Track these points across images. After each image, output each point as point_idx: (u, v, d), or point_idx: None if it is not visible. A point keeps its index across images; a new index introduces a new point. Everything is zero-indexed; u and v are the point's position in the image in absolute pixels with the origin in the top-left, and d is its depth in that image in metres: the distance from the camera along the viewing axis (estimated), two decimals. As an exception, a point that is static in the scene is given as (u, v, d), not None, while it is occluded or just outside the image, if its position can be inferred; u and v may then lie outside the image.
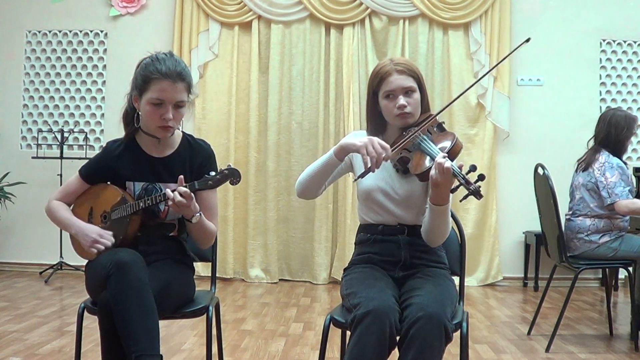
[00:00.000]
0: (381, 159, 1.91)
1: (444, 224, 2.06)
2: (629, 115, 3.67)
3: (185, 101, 2.18)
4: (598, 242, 3.49)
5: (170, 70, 2.11)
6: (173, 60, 2.15)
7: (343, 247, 5.45)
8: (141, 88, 2.14)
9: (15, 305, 4.26)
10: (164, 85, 2.11)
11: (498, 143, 5.62)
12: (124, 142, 2.30)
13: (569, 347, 3.50)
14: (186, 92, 2.17)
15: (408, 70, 2.13)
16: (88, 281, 2.15)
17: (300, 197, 2.20)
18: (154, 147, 2.28)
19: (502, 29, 5.53)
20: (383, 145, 1.93)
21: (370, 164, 1.91)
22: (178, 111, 2.17)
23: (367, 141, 1.93)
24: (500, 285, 5.57)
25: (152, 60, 2.15)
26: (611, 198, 3.45)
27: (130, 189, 2.25)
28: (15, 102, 5.81)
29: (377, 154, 1.91)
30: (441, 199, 1.98)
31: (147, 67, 2.14)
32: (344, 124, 5.50)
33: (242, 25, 5.65)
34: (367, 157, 1.91)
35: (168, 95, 2.12)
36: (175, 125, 2.20)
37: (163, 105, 2.13)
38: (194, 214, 2.14)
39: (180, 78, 2.13)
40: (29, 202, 5.48)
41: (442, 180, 1.89)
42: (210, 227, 2.26)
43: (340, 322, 2.03)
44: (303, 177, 2.15)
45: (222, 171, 2.11)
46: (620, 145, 3.61)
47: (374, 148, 1.91)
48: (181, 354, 3.25)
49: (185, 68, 2.17)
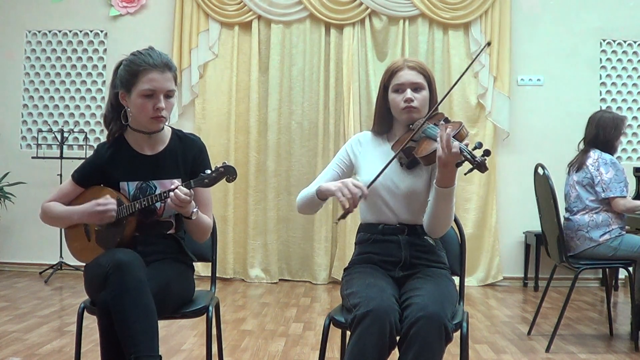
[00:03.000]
0: (357, 199, 1.98)
1: (448, 210, 2.06)
2: (616, 115, 3.70)
3: (174, 90, 2.20)
4: (598, 240, 3.49)
5: (157, 60, 2.14)
6: (157, 52, 2.18)
7: (343, 247, 5.45)
8: (129, 83, 2.14)
9: (15, 305, 4.26)
10: (153, 76, 2.12)
11: (498, 143, 5.62)
12: (112, 142, 2.29)
13: (569, 347, 3.50)
14: (174, 82, 2.20)
15: (419, 68, 2.20)
16: (87, 281, 2.15)
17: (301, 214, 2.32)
18: (144, 145, 2.27)
19: (502, 29, 5.53)
20: (357, 185, 1.99)
21: (348, 205, 1.98)
22: (168, 101, 2.18)
23: (340, 185, 2.01)
24: (500, 285, 5.57)
25: (136, 55, 2.17)
26: (605, 193, 3.50)
27: (124, 189, 2.25)
28: (15, 102, 5.81)
29: (352, 194, 1.98)
30: (448, 180, 1.98)
31: (132, 62, 2.15)
32: (344, 124, 5.50)
33: (242, 25, 5.65)
34: (344, 199, 1.98)
35: (159, 84, 2.13)
36: (167, 116, 2.21)
37: (154, 95, 2.13)
38: (192, 210, 2.15)
39: (167, 67, 2.16)
40: (29, 202, 5.47)
41: (448, 156, 1.89)
42: (206, 221, 2.28)
43: (340, 322, 2.03)
44: (299, 202, 2.26)
45: (218, 169, 2.11)
46: (609, 145, 3.64)
47: (349, 190, 1.98)
48: (181, 354, 3.25)
49: (170, 59, 2.21)
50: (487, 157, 1.83)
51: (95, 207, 2.17)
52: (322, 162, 5.42)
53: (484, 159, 1.83)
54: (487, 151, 1.84)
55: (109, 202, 2.16)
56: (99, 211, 2.16)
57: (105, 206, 2.16)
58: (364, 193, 1.99)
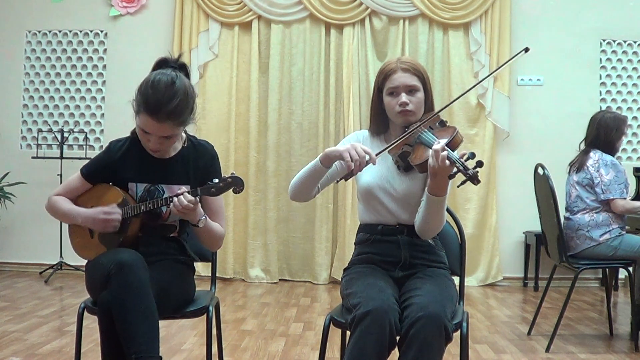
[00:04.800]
0: (364, 162, 1.95)
1: (439, 216, 2.06)
2: (617, 116, 3.70)
3: (173, 135, 2.13)
4: (598, 239, 3.49)
5: (158, 107, 2.02)
6: (168, 93, 2.04)
7: (343, 247, 5.45)
8: (134, 109, 2.10)
9: (15, 305, 4.26)
10: (149, 121, 2.06)
11: (498, 143, 5.62)
12: (129, 140, 2.28)
13: (569, 347, 3.50)
14: (176, 128, 2.10)
15: (413, 69, 2.15)
16: (88, 281, 2.15)
17: (293, 200, 2.23)
18: None
19: (502, 29, 5.53)
20: (366, 149, 1.96)
21: (354, 167, 1.94)
22: (166, 140, 2.13)
23: (349, 147, 1.97)
24: (500, 285, 5.57)
25: (148, 84, 2.05)
26: (605, 195, 3.51)
27: (132, 190, 2.24)
28: (15, 102, 5.81)
29: (359, 157, 1.94)
30: (438, 189, 1.98)
31: (142, 91, 2.06)
32: (344, 124, 5.50)
33: (242, 25, 5.65)
34: (351, 162, 1.94)
35: (152, 130, 2.09)
36: (164, 149, 2.18)
37: (149, 134, 2.11)
38: (199, 217, 2.14)
39: (167, 117, 2.04)
40: (29, 202, 5.47)
41: (439, 167, 1.89)
42: (217, 229, 2.26)
43: (340, 322, 2.03)
44: (294, 181, 2.18)
45: (226, 179, 2.09)
46: (610, 146, 3.64)
47: (356, 152, 1.95)
48: (181, 354, 3.25)
49: (180, 104, 2.05)
50: (480, 168, 1.83)
51: (100, 215, 2.16)
52: (322, 162, 5.41)
53: (476, 171, 1.83)
54: (480, 162, 1.83)
55: (115, 212, 2.16)
56: (103, 219, 2.15)
57: (110, 215, 2.16)
58: (372, 158, 1.95)
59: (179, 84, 2.07)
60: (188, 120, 2.13)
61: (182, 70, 2.19)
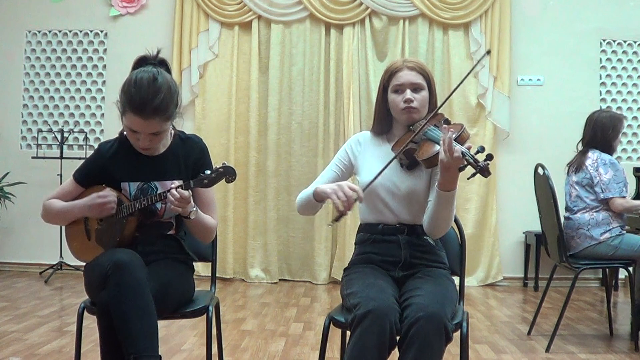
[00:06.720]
0: (352, 202, 1.96)
1: (449, 212, 2.05)
2: (614, 115, 3.69)
3: (161, 131, 2.13)
4: (599, 238, 3.50)
5: (143, 104, 2.02)
6: (152, 90, 2.03)
7: (343, 247, 5.45)
8: (120, 111, 2.10)
9: (15, 305, 4.26)
10: (136, 120, 2.06)
11: (498, 143, 5.62)
12: (118, 140, 2.29)
13: (569, 347, 3.50)
14: (164, 123, 2.10)
15: (418, 68, 2.19)
16: (87, 281, 2.14)
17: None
18: None
19: (502, 29, 5.53)
20: (353, 188, 1.97)
21: (343, 208, 1.95)
22: (155, 136, 2.13)
23: (336, 188, 1.99)
24: (500, 285, 5.57)
25: (131, 83, 2.05)
26: (604, 194, 3.51)
27: (125, 189, 2.24)
28: (15, 102, 5.81)
29: (347, 197, 1.95)
30: (449, 183, 1.97)
31: (125, 91, 2.06)
32: (344, 124, 5.50)
33: (242, 25, 5.65)
34: (339, 202, 1.95)
35: (140, 128, 2.09)
36: (153, 147, 2.18)
37: (138, 132, 2.11)
38: (190, 210, 2.15)
39: (154, 114, 2.04)
40: (29, 202, 5.47)
41: (450, 160, 1.88)
42: (209, 221, 2.27)
43: (340, 322, 2.03)
44: (298, 202, 2.24)
45: (217, 169, 2.11)
46: (607, 145, 3.65)
47: (343, 193, 1.96)
48: (181, 354, 3.25)
49: (164, 99, 2.04)
50: (490, 161, 1.83)
51: (95, 199, 2.17)
52: (322, 162, 5.42)
53: (486, 163, 1.83)
54: (490, 155, 1.83)
55: (109, 195, 2.17)
56: (99, 203, 2.16)
57: (105, 198, 2.16)
58: (359, 196, 1.97)
59: (161, 80, 2.07)
60: (174, 115, 2.13)
61: (163, 65, 2.19)
